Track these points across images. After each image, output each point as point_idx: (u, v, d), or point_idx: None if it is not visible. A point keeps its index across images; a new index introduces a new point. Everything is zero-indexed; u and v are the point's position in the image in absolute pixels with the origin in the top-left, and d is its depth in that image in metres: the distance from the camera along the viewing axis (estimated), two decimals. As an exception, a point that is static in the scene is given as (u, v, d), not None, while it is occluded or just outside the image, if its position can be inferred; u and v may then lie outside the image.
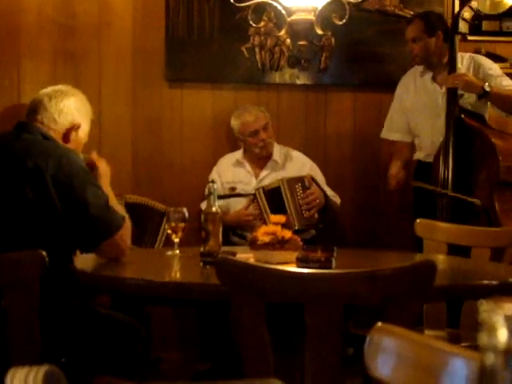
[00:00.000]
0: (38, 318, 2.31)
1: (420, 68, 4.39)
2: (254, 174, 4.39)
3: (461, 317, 3.15)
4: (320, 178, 4.36)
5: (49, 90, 2.86)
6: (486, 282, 2.48)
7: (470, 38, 4.51)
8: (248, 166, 4.40)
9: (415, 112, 4.38)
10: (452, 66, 4.17)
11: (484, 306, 0.58)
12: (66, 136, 2.81)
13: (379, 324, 1.25)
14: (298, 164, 4.40)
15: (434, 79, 4.33)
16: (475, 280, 2.61)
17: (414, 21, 4.31)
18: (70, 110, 2.81)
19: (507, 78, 4.25)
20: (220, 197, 4.04)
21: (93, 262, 2.74)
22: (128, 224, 2.72)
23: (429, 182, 4.18)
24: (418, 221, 3.38)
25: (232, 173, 4.39)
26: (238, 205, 4.26)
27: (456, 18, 4.22)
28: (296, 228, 4.01)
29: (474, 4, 4.26)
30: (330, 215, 4.31)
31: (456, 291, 2.47)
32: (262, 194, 4.16)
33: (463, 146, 4.12)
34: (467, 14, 4.24)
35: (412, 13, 4.69)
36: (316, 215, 4.19)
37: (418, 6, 4.74)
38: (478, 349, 0.64)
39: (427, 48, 4.26)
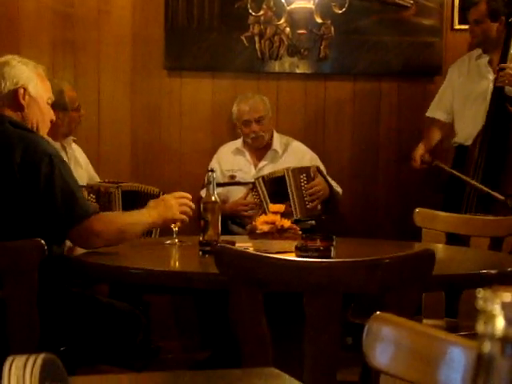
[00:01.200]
0: (36, 307, 2.31)
1: (477, 51, 4.39)
2: (253, 163, 4.39)
3: (459, 306, 3.15)
4: (321, 168, 4.35)
5: None
6: (484, 271, 2.49)
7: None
8: (247, 155, 4.40)
9: (463, 95, 4.39)
10: (504, 54, 4.16)
11: (481, 293, 0.58)
12: (17, 103, 2.71)
13: (378, 313, 1.25)
14: (299, 154, 4.39)
15: (490, 63, 4.33)
16: (474, 269, 2.62)
17: (479, 3, 4.31)
18: (7, 81, 2.70)
19: None
20: (219, 184, 4.04)
21: (92, 251, 2.74)
22: (107, 217, 2.68)
23: (465, 166, 4.19)
24: (417, 210, 3.38)
25: (232, 161, 4.39)
26: (238, 193, 4.26)
27: None
28: (297, 218, 4.01)
29: None
30: (333, 207, 4.30)
31: (455, 280, 2.48)
32: (262, 183, 4.15)
33: (503, 133, 4.13)
34: None
35: (412, 2, 4.69)
36: (319, 206, 4.19)
37: (417, -6, 4.74)
38: (476, 338, 0.64)
39: (487, 32, 4.26)
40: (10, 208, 2.56)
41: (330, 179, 4.30)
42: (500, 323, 0.58)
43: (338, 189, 4.35)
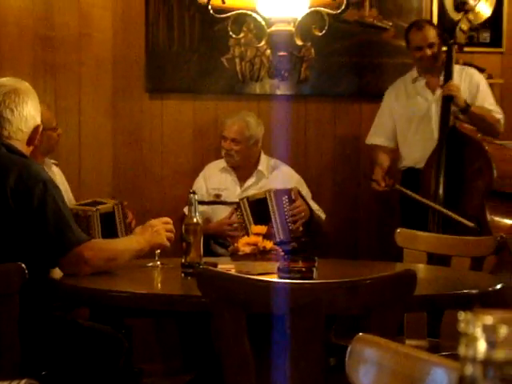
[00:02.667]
0: (17, 331, 2.29)
1: (412, 74, 4.42)
2: (239, 183, 4.40)
3: (441, 326, 3.16)
4: (306, 192, 4.36)
5: (3, 96, 2.66)
6: (466, 291, 2.50)
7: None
8: (233, 174, 4.41)
9: (405, 119, 4.41)
10: (448, 74, 4.20)
11: (462, 316, 0.59)
12: (32, 140, 2.71)
13: (360, 334, 1.25)
14: (286, 177, 4.40)
15: (427, 85, 4.37)
16: (455, 289, 2.62)
17: (427, 27, 4.34)
18: (31, 115, 2.68)
19: (492, 96, 4.30)
20: (204, 202, 4.03)
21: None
22: (96, 244, 2.66)
23: (417, 190, 4.19)
24: (398, 230, 3.38)
25: (218, 179, 4.40)
26: (223, 212, 4.26)
27: (453, 27, 4.24)
28: (280, 239, 4.00)
29: (470, 16, 4.28)
30: (315, 229, 4.31)
31: (436, 301, 2.48)
32: (247, 204, 4.15)
33: (456, 154, 4.14)
34: (464, 25, 4.27)
35: (391, 24, 4.73)
36: (300, 228, 4.19)
37: (396, 17, 4.77)
38: (458, 358, 0.65)
39: (438, 54, 4.31)
40: (1, 233, 2.54)
41: (312, 203, 4.32)
42: (481, 346, 0.58)
43: (321, 214, 4.36)
